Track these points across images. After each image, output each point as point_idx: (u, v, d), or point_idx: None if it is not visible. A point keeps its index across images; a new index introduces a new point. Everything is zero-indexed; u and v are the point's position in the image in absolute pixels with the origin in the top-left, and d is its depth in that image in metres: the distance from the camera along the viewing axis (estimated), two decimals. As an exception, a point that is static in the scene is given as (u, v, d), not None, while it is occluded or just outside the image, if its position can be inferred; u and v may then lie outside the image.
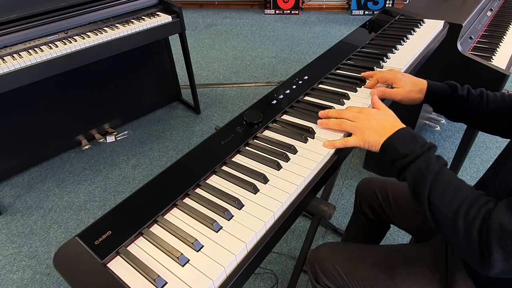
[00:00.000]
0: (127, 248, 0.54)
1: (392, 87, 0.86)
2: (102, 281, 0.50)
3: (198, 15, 4.02)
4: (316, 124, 0.77)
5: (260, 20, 3.85)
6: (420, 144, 0.62)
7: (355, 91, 0.88)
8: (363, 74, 0.92)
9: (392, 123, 0.67)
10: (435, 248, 0.81)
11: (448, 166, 1.88)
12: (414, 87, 0.82)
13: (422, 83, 0.83)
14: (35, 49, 1.58)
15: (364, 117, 0.69)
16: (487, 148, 2.06)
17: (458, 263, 0.74)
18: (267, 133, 0.77)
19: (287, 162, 0.67)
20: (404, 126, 0.67)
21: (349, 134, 0.72)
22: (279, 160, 0.67)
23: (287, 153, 0.68)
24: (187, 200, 0.62)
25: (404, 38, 1.13)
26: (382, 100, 0.87)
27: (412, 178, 0.60)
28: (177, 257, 0.51)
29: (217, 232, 0.55)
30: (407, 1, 3.68)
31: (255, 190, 0.61)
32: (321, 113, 0.77)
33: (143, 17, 1.89)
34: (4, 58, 1.51)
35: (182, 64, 2.43)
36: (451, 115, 0.84)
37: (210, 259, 0.51)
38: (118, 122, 2.30)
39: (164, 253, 0.53)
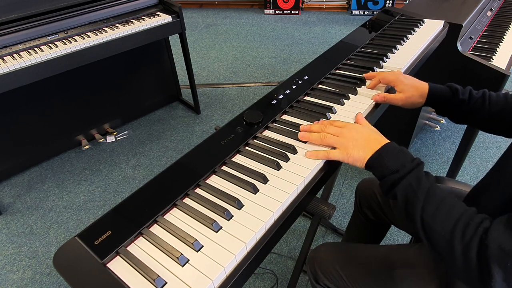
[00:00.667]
0: (127, 248, 0.54)
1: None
2: (102, 281, 0.50)
3: (198, 15, 4.02)
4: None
5: (260, 20, 3.85)
6: (409, 159, 0.61)
7: (355, 91, 0.88)
8: (365, 75, 0.92)
9: (377, 138, 0.66)
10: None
11: (448, 166, 1.89)
12: (415, 92, 0.82)
13: (424, 88, 0.82)
14: (35, 49, 1.58)
15: (348, 131, 0.67)
16: (487, 148, 2.06)
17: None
18: (267, 133, 0.77)
19: (287, 162, 0.67)
20: (388, 141, 0.65)
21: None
22: (279, 160, 0.67)
23: (287, 153, 0.68)
24: (187, 200, 0.62)
25: (404, 38, 1.13)
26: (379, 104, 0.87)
27: (403, 195, 0.58)
28: (177, 257, 0.51)
29: (217, 232, 0.55)
30: (407, 1, 3.68)
31: (255, 190, 0.61)
32: (303, 127, 0.73)
33: (143, 17, 1.89)
34: (4, 58, 1.51)
35: (182, 64, 2.43)
36: (453, 118, 0.84)
37: (210, 259, 0.51)
38: (118, 122, 2.30)
39: (164, 253, 0.53)
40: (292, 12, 3.97)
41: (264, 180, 0.63)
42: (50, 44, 1.61)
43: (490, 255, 0.48)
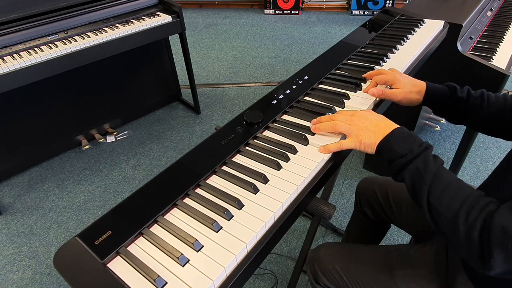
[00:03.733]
0: (127, 248, 0.54)
1: (391, 88, 0.86)
2: (102, 281, 0.50)
3: (198, 15, 4.02)
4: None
5: (260, 20, 3.85)
6: (417, 144, 0.62)
7: (355, 91, 0.88)
8: (364, 75, 0.92)
9: (386, 123, 0.67)
10: (435, 249, 0.81)
11: (448, 166, 1.89)
12: (413, 88, 0.82)
13: (421, 85, 0.82)
14: (35, 49, 1.58)
15: (358, 118, 0.68)
16: (487, 148, 2.06)
17: (458, 265, 0.74)
18: (267, 133, 0.77)
19: (287, 162, 0.67)
20: (398, 126, 0.66)
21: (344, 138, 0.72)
22: (279, 160, 0.67)
23: (287, 153, 0.68)
24: (187, 200, 0.62)
25: (404, 38, 1.13)
26: (381, 101, 0.87)
27: (410, 179, 0.60)
28: (177, 257, 0.51)
29: (217, 232, 0.55)
30: (407, 1, 3.68)
31: (255, 190, 0.61)
32: (314, 120, 0.75)
33: (143, 17, 1.89)
34: (4, 58, 1.51)
35: (182, 64, 2.43)
36: (451, 118, 0.84)
37: (210, 259, 0.51)
38: (118, 122, 2.30)
39: (164, 253, 0.53)
40: (292, 12, 3.97)
41: (265, 180, 0.63)
42: (50, 44, 1.61)
43: (492, 236, 0.49)
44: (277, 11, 3.98)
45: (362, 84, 0.90)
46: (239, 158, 0.70)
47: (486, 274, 0.52)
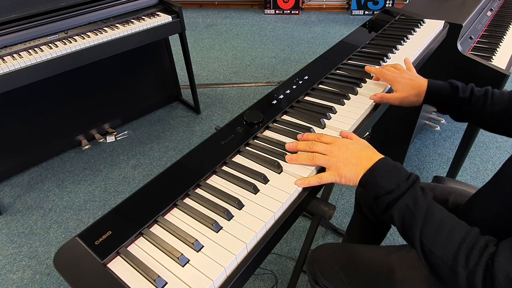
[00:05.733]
0: (127, 248, 0.54)
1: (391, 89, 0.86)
2: (102, 282, 0.50)
3: (198, 15, 4.02)
4: (317, 126, 0.77)
5: (260, 20, 3.85)
6: (404, 177, 0.57)
7: (355, 91, 0.88)
8: (367, 68, 0.92)
9: (368, 154, 0.62)
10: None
11: (448, 166, 1.88)
12: (412, 91, 0.81)
13: (421, 86, 0.81)
14: (35, 49, 1.58)
15: (337, 148, 0.63)
16: (487, 148, 2.06)
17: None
18: (268, 133, 0.77)
19: (287, 162, 0.67)
20: (381, 156, 0.62)
21: None
22: (279, 160, 0.67)
23: (287, 153, 0.68)
24: (187, 200, 0.62)
25: (404, 38, 1.13)
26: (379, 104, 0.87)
27: (399, 217, 0.56)
28: (177, 258, 0.51)
29: (217, 232, 0.55)
30: (407, 1, 3.68)
31: (255, 190, 0.61)
32: (288, 146, 0.69)
33: (143, 17, 1.89)
34: (4, 58, 1.51)
35: (182, 64, 2.43)
36: (454, 116, 0.83)
37: (210, 259, 0.51)
38: (118, 122, 2.30)
39: (164, 254, 0.53)
40: (292, 12, 3.97)
41: (265, 180, 0.63)
42: (50, 44, 1.61)
43: (497, 284, 0.46)
44: (277, 11, 3.98)
45: (362, 84, 0.90)
46: (239, 158, 0.70)
47: None
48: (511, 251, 0.47)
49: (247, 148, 0.73)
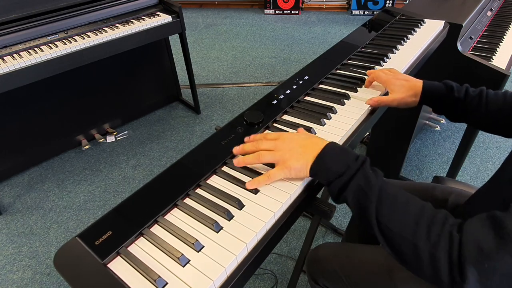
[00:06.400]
0: (128, 249, 0.54)
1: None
2: (102, 282, 0.50)
3: (198, 15, 4.02)
4: (317, 124, 0.77)
5: (260, 20, 3.85)
6: (352, 158, 0.57)
7: (356, 91, 0.88)
8: (368, 72, 0.92)
9: (313, 141, 0.61)
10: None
11: (448, 166, 1.88)
12: (408, 92, 0.81)
13: (417, 86, 0.81)
14: (35, 49, 1.58)
15: (282, 142, 0.62)
16: (487, 148, 2.06)
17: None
18: (268, 133, 0.77)
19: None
20: (328, 141, 0.60)
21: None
22: (279, 160, 0.67)
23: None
24: (187, 200, 0.62)
25: (405, 38, 1.13)
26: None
27: (354, 199, 0.54)
28: (178, 258, 0.51)
29: (217, 232, 0.55)
30: (407, 1, 3.68)
31: (255, 190, 0.61)
32: (236, 149, 0.68)
33: (143, 17, 1.89)
34: (4, 58, 1.51)
35: (182, 64, 2.43)
36: (450, 116, 0.84)
37: (210, 259, 0.51)
38: (118, 122, 2.30)
39: (165, 254, 0.53)
40: (292, 12, 3.97)
41: (265, 180, 0.63)
42: (50, 44, 1.61)
43: (465, 254, 0.44)
44: (277, 11, 3.98)
45: (362, 84, 0.90)
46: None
47: None
48: (480, 223, 0.46)
49: (247, 148, 0.72)
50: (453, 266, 0.45)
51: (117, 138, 2.23)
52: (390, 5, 3.85)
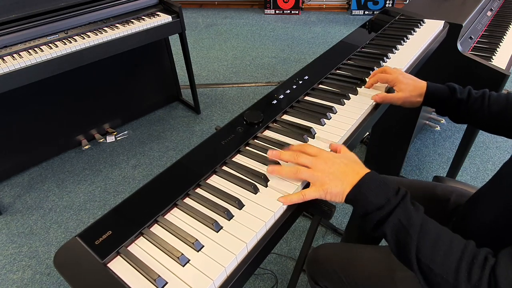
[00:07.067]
0: (128, 248, 0.54)
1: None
2: (102, 281, 0.50)
3: (198, 15, 4.02)
4: (317, 124, 0.77)
5: (260, 20, 3.85)
6: (393, 191, 0.56)
7: (355, 91, 0.88)
8: (370, 77, 0.91)
9: (354, 169, 0.59)
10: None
11: (448, 166, 1.88)
12: (414, 91, 0.82)
13: (422, 87, 0.82)
14: (35, 49, 1.58)
15: (323, 162, 0.60)
16: (487, 148, 2.06)
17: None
18: (268, 133, 0.77)
19: (287, 162, 0.67)
20: (368, 170, 0.59)
21: None
22: (279, 160, 0.67)
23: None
24: (187, 200, 0.62)
25: (404, 38, 1.13)
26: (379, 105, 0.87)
27: (393, 234, 0.53)
28: (178, 257, 0.51)
29: (217, 232, 0.55)
30: (407, 1, 3.68)
31: (255, 190, 0.61)
32: (271, 154, 0.65)
33: (143, 17, 1.89)
34: (4, 58, 1.51)
35: (182, 64, 2.43)
36: (453, 117, 0.84)
37: (210, 259, 0.51)
38: (118, 122, 2.30)
39: (165, 253, 0.53)
40: (292, 12, 3.97)
41: (265, 180, 0.63)
42: (50, 44, 1.61)
43: None
44: (277, 11, 3.98)
45: (362, 84, 0.90)
46: (239, 158, 0.70)
47: None
48: (510, 260, 0.46)
49: (247, 148, 0.73)
50: None
51: (117, 138, 2.23)
52: (390, 5, 3.85)
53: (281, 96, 0.87)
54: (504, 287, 0.45)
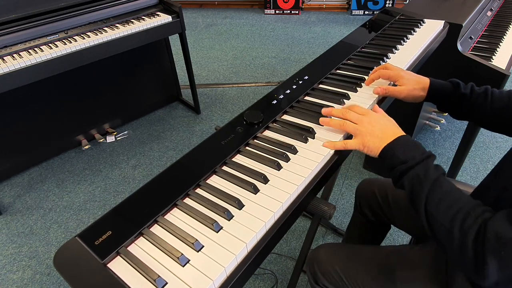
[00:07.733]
0: (127, 248, 0.54)
1: (394, 85, 0.86)
2: (102, 281, 0.50)
3: (198, 15, 4.02)
4: (317, 124, 0.77)
5: (260, 20, 3.85)
6: (420, 152, 0.62)
7: (356, 91, 0.88)
8: (372, 72, 0.91)
9: (394, 130, 0.67)
10: (435, 251, 0.81)
11: (448, 166, 1.89)
12: (417, 85, 0.82)
13: (425, 81, 0.83)
14: (35, 49, 1.58)
15: (368, 121, 0.68)
16: (487, 148, 2.06)
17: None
18: (267, 133, 0.77)
19: (287, 162, 0.67)
20: (404, 133, 0.67)
21: (349, 135, 0.72)
22: (279, 160, 0.67)
23: (287, 153, 0.68)
24: (187, 200, 0.62)
25: (404, 38, 1.13)
26: (384, 98, 0.87)
27: (409, 185, 0.60)
28: (178, 257, 0.51)
29: (217, 232, 0.55)
30: (407, 1, 3.68)
31: (255, 190, 0.61)
32: (324, 110, 0.76)
33: (143, 17, 1.89)
34: (4, 58, 1.51)
35: (182, 64, 2.43)
36: (455, 113, 0.84)
37: (210, 259, 0.51)
38: (118, 122, 2.30)
39: (165, 253, 0.53)
40: (292, 12, 3.97)
41: (265, 180, 0.63)
42: (50, 44, 1.61)
43: (486, 243, 0.49)
44: (277, 11, 3.98)
45: (362, 84, 0.90)
46: (239, 158, 0.70)
47: (481, 285, 0.52)
48: (503, 216, 0.50)
49: (247, 148, 0.73)
50: (477, 254, 0.50)
51: (117, 138, 2.23)
52: (390, 5, 3.85)
53: (281, 96, 0.87)
54: (490, 237, 0.49)
